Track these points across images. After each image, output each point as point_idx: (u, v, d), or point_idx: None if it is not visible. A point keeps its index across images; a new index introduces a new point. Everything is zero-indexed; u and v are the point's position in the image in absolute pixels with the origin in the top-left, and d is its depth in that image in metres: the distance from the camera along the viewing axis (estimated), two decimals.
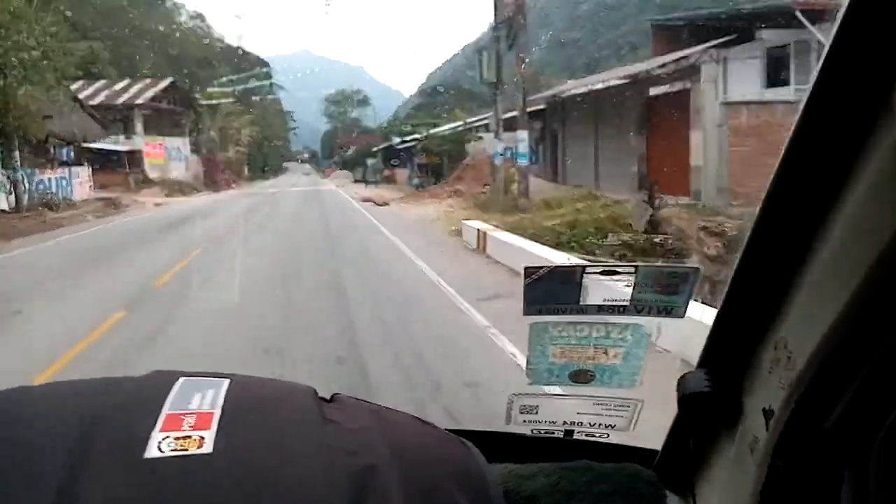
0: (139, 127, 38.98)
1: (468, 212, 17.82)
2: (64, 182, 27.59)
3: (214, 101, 48.32)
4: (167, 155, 42.16)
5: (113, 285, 9.71)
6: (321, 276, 10.07)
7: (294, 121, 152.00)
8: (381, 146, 54.63)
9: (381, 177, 43.75)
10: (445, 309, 7.80)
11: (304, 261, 11.73)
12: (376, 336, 6.51)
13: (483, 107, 63.24)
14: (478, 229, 12.51)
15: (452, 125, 30.99)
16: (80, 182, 29.79)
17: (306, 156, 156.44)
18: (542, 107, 28.96)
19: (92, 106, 37.66)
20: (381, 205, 22.73)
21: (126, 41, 56.56)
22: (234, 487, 0.44)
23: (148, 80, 42.01)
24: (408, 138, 41.20)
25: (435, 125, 51.13)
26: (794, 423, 0.59)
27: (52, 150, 27.54)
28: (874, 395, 0.54)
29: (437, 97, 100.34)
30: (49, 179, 26.18)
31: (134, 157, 38.06)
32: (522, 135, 18.34)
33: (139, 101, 38.70)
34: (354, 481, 0.47)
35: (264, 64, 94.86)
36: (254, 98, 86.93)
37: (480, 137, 27.50)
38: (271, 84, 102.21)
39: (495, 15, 19.66)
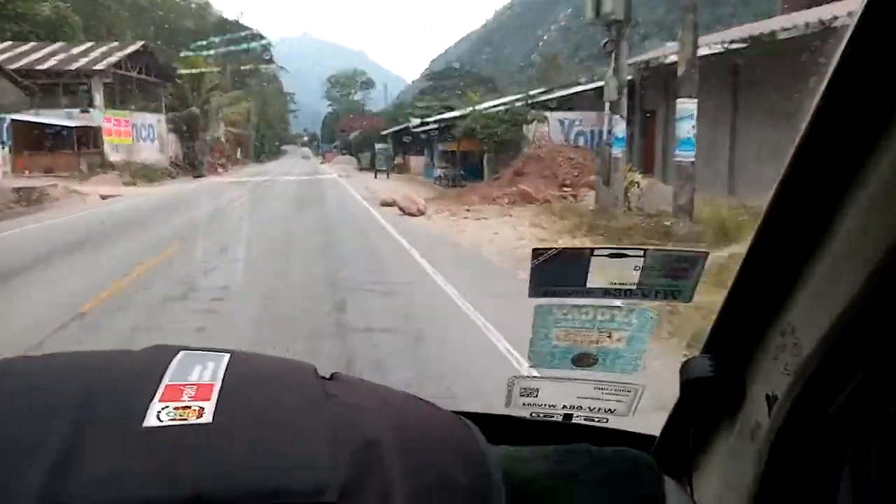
0: (98, 98, 30.89)
1: (576, 237, 10.03)
2: None
3: (196, 70, 40.19)
4: (135, 133, 34.18)
5: None
6: None
7: (294, 103, 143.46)
8: (391, 129, 46.71)
9: (391, 165, 35.72)
10: None
11: None
12: None
13: (492, 92, 55.82)
14: None
15: (504, 100, 22.89)
16: None
17: (306, 139, 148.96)
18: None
19: (38, 72, 29.68)
20: (411, 214, 14.46)
21: (104, 5, 48.51)
22: (233, 457, 0.44)
23: (114, 44, 33.92)
24: (428, 120, 33.20)
25: (449, 108, 43.41)
26: (797, 410, 0.59)
27: None
28: (879, 382, 0.54)
29: (444, 81, 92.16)
30: None
31: (88, 135, 30.02)
32: (691, 105, 10.51)
33: (99, 66, 30.59)
34: (355, 454, 0.46)
35: (262, 38, 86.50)
36: (246, 72, 78.85)
37: (545, 118, 19.60)
38: (269, 58, 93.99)
39: None
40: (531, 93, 21.77)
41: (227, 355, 0.53)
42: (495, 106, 21.60)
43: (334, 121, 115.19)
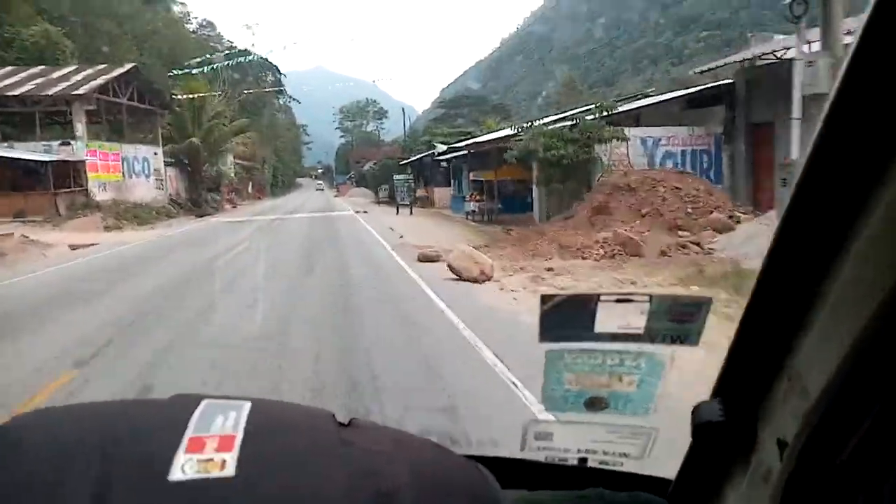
0: (80, 128, 26.62)
1: None
2: None
3: (195, 95, 36.10)
4: (126, 168, 29.93)
5: None
6: None
7: (308, 135, 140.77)
8: (410, 158, 42.39)
9: (414, 198, 31.22)
10: None
11: None
12: None
13: (506, 119, 51.27)
14: None
15: (567, 114, 18.12)
16: None
17: (320, 171, 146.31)
18: (717, 84, 16.51)
19: (10, 98, 25.54)
20: (472, 280, 9.30)
21: (102, 31, 44.99)
22: None
23: (100, 66, 29.83)
24: (458, 145, 28.76)
25: (469, 135, 39.21)
26: (807, 455, 0.58)
27: None
28: (888, 428, 0.53)
29: (455, 109, 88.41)
30: None
31: (69, 171, 25.73)
32: None
33: (80, 91, 26.42)
34: (372, 503, 0.47)
35: (273, 68, 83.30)
36: (257, 101, 75.35)
37: (625, 136, 14.87)
38: (280, 87, 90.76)
39: None
40: (606, 103, 16.98)
41: (248, 404, 0.54)
42: (556, 121, 16.90)
43: (348, 152, 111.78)
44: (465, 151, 27.14)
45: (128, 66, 29.79)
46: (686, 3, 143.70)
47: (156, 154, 32.89)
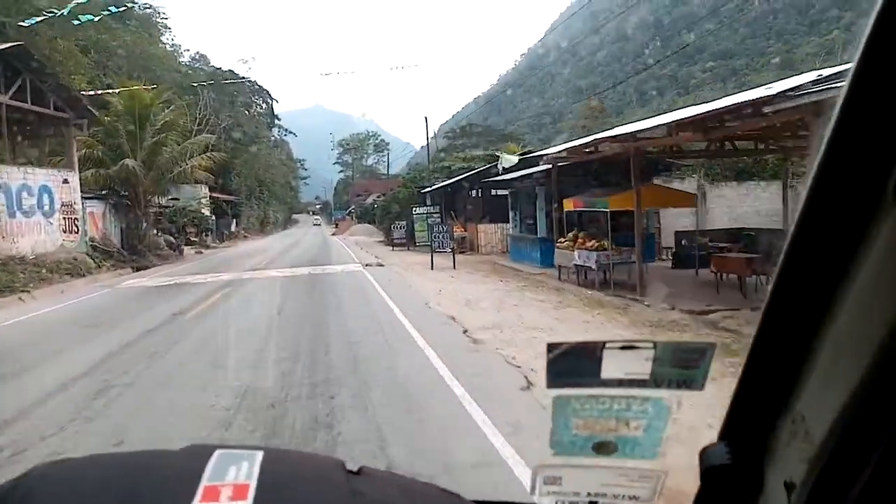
0: None
1: None
2: None
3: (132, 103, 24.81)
4: (9, 202, 18.57)
5: None
6: None
7: (305, 169, 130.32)
8: (434, 186, 31.07)
9: (451, 240, 19.56)
10: None
11: None
12: None
13: (523, 146, 41.59)
14: None
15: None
16: None
17: (318, 206, 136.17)
18: None
19: None
20: None
21: (52, 47, 34.17)
22: None
23: None
24: (532, 154, 17.43)
25: (491, 156, 28.22)
26: (815, 498, 0.57)
27: None
28: (894, 470, 0.52)
29: (461, 139, 77.60)
30: None
31: None
32: None
33: None
34: None
35: (264, 93, 72.69)
36: (245, 133, 64.46)
37: None
38: (273, 118, 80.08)
39: None
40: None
41: (261, 453, 0.54)
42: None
43: (348, 186, 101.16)
44: (546, 167, 15.79)
45: (9, 45, 18.55)
46: (691, 35, 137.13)
47: (66, 182, 21.45)
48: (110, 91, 27.00)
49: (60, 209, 21.10)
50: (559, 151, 14.66)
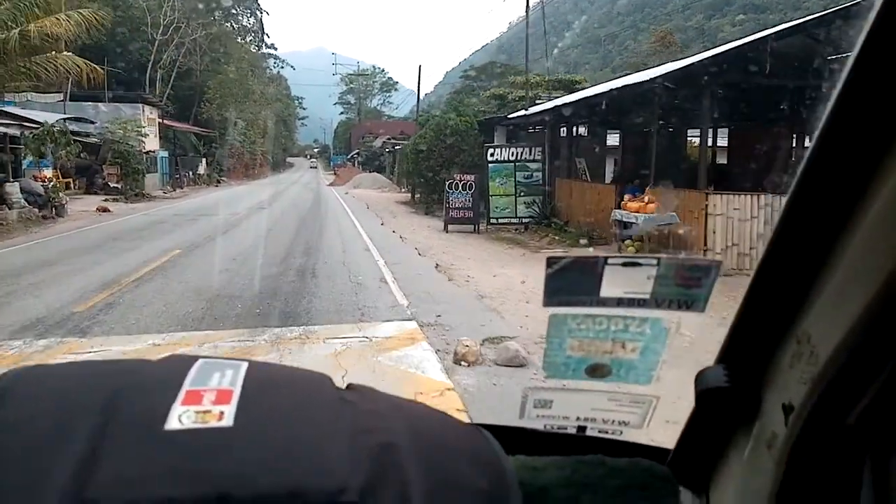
0: None
1: None
2: None
3: None
4: None
5: None
6: None
7: (304, 108, 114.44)
8: (507, 116, 16.78)
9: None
10: None
11: None
12: None
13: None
14: None
15: None
16: None
17: (316, 150, 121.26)
18: None
19: None
20: None
21: None
22: (253, 458, 0.43)
23: None
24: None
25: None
26: (814, 419, 0.56)
27: None
28: None
29: (482, 80, 62.26)
30: None
31: None
32: None
33: None
34: (373, 457, 0.46)
35: (254, 1, 56.86)
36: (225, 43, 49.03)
37: None
38: (264, 33, 64.31)
39: None
40: None
41: (245, 363, 0.52)
42: None
43: (350, 128, 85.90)
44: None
45: None
46: None
47: None
48: None
49: None
50: None
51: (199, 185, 36.78)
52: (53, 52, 13.13)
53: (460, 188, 14.18)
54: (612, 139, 17.45)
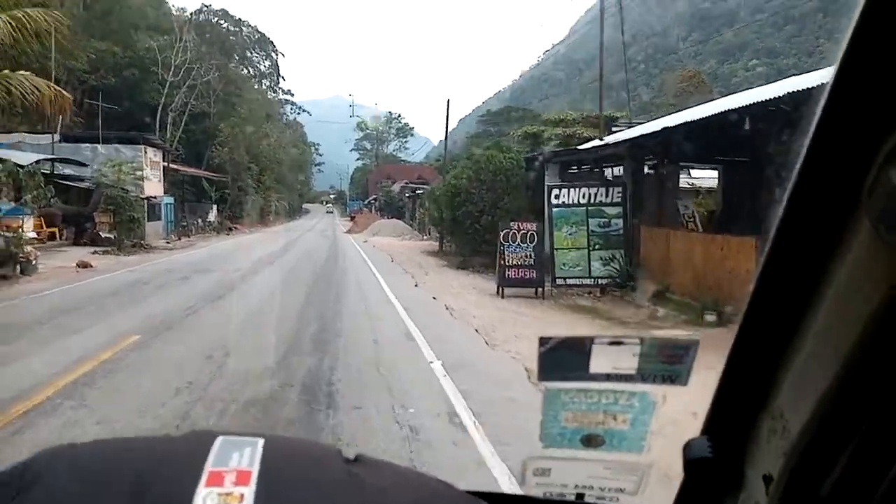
0: None
1: None
2: None
3: None
4: None
5: None
6: None
7: (320, 154, 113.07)
8: (577, 148, 13.66)
9: None
10: None
11: None
12: None
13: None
14: None
15: None
16: None
17: (332, 196, 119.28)
18: None
19: None
20: None
21: None
22: None
23: None
24: None
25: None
26: (791, 491, 0.58)
27: None
28: (865, 464, 0.52)
29: (498, 124, 59.86)
30: None
31: None
32: None
33: None
34: None
35: (268, 44, 55.27)
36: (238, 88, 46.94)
37: None
38: (279, 76, 62.59)
39: None
40: None
41: (262, 440, 0.53)
42: None
43: (367, 173, 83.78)
44: None
45: None
46: (729, 31, 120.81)
47: None
48: None
49: None
50: None
51: (208, 233, 33.89)
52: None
53: (518, 240, 10.94)
54: (705, 176, 14.13)
